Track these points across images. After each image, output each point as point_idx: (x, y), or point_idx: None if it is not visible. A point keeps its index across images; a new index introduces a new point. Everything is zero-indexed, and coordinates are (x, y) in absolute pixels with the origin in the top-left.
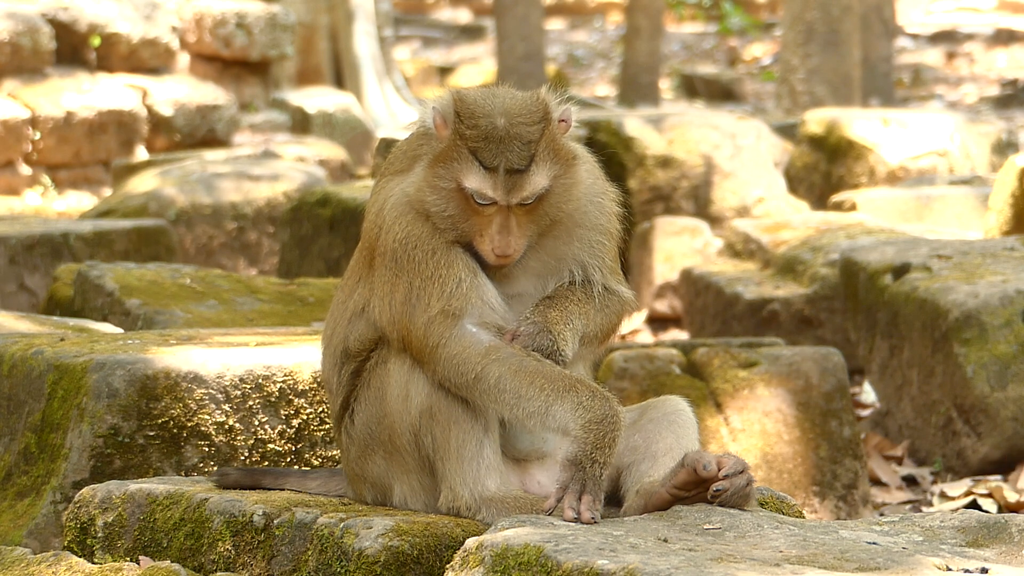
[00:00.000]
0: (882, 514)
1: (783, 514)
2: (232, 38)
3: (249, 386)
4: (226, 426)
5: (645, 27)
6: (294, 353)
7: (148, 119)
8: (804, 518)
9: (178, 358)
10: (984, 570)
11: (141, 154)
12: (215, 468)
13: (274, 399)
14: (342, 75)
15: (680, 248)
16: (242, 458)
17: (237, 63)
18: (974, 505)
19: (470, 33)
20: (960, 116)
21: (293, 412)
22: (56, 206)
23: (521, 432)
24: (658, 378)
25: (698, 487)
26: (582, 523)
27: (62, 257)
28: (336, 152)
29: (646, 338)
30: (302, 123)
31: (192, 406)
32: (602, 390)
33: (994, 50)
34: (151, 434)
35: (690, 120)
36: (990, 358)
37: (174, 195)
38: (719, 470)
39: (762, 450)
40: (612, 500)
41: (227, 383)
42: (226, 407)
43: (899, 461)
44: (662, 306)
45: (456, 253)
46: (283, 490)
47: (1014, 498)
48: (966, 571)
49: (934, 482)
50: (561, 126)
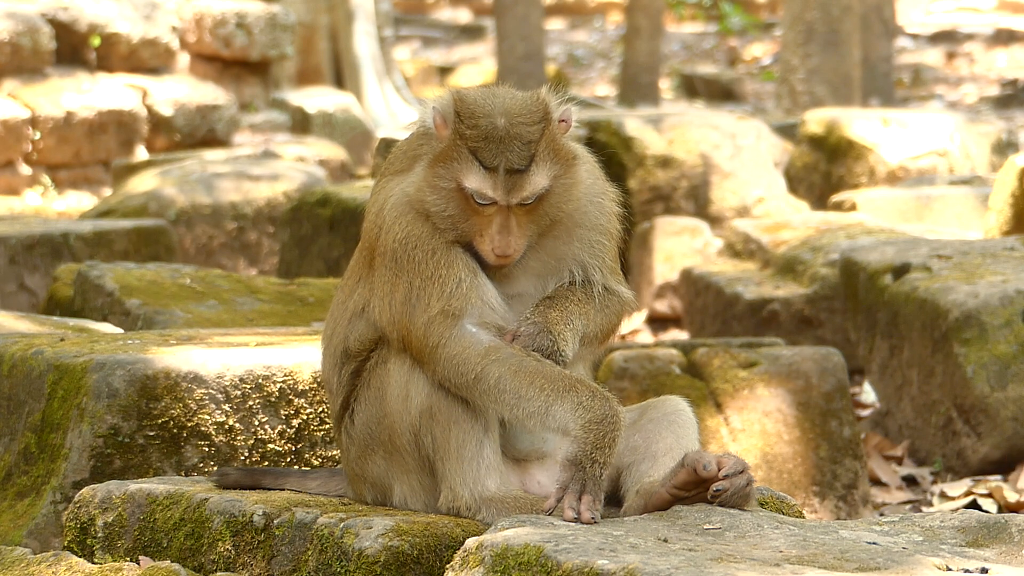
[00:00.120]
0: (882, 514)
1: (783, 514)
2: (232, 38)
3: (249, 386)
4: (226, 426)
5: (645, 27)
6: (294, 353)
7: (148, 119)
8: (804, 518)
9: (178, 358)
10: (984, 570)
11: (141, 154)
12: (215, 468)
13: (274, 399)
14: (342, 75)
15: (680, 248)
16: (242, 458)
17: (237, 63)
18: (974, 505)
19: (470, 33)
20: (960, 116)
21: (293, 412)
22: (56, 206)
23: (521, 432)
24: (658, 378)
25: (698, 487)
26: (582, 523)
27: (62, 257)
28: (336, 152)
29: (646, 338)
30: (302, 123)
31: (192, 406)
32: (602, 390)
33: (994, 50)
34: (151, 434)
35: (690, 120)
36: (990, 358)
37: (174, 195)
38: (719, 470)
39: (762, 450)
40: (612, 500)
41: (227, 383)
42: (226, 407)
43: (899, 461)
44: (662, 306)
45: (456, 253)
46: (283, 490)
47: (1014, 498)
48: (966, 571)
49: (934, 482)
50: (561, 126)
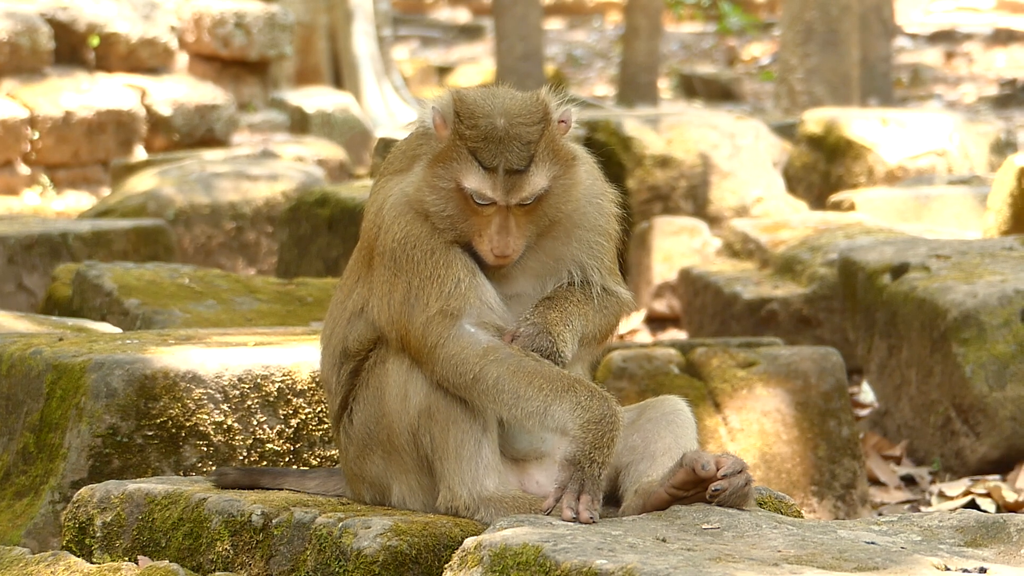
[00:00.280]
0: (880, 514)
1: (781, 514)
2: (231, 38)
3: (248, 386)
4: (224, 426)
5: (644, 27)
6: (293, 353)
7: (147, 119)
8: (802, 518)
9: (177, 358)
10: (982, 570)
11: (140, 154)
12: (213, 468)
13: (272, 399)
14: (341, 75)
15: (679, 248)
16: (240, 458)
17: (236, 63)
18: (972, 505)
19: (469, 33)
20: (959, 116)
21: (292, 412)
22: (55, 206)
23: (519, 432)
24: (656, 378)
25: (696, 487)
26: (580, 523)
27: (61, 257)
28: (335, 152)
29: (645, 338)
30: (301, 123)
31: (191, 406)
32: (600, 390)
33: (993, 50)
34: (149, 434)
35: (689, 120)
36: (988, 358)
37: (173, 195)
38: (717, 470)
39: (760, 450)
40: (610, 500)
41: (226, 383)
42: (224, 407)
43: (897, 461)
44: (661, 306)
45: (455, 253)
46: (281, 490)
47: (1012, 498)
48: (964, 571)
49: (932, 482)
50: (561, 127)
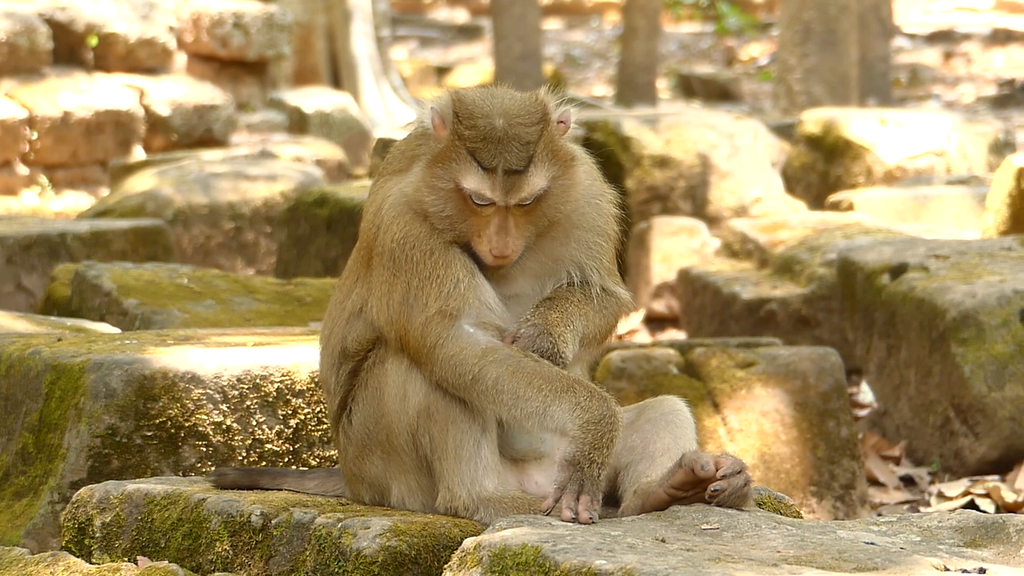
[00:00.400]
0: (880, 514)
1: (781, 514)
2: (229, 38)
3: (247, 386)
4: (224, 426)
5: (642, 27)
6: (292, 353)
7: (145, 119)
8: (802, 518)
9: (176, 358)
10: (982, 570)
11: (138, 154)
12: (213, 468)
13: (272, 399)
14: (339, 75)
15: (677, 248)
16: (240, 458)
17: (234, 63)
18: (972, 505)
19: (467, 33)
20: (957, 116)
21: (291, 412)
22: (53, 206)
23: (519, 432)
24: (656, 378)
25: (696, 487)
26: (580, 523)
27: (59, 257)
28: (333, 152)
29: (644, 338)
30: (299, 123)
31: (190, 406)
32: (600, 390)
33: (991, 50)
34: (149, 434)
35: (687, 120)
36: (987, 358)
37: (171, 195)
38: (717, 470)
39: (760, 450)
40: (610, 500)
41: (225, 383)
42: (224, 407)
43: (897, 461)
44: (659, 306)
45: (454, 253)
46: (281, 490)
47: (1012, 498)
48: (964, 571)
49: (932, 482)
50: (559, 127)
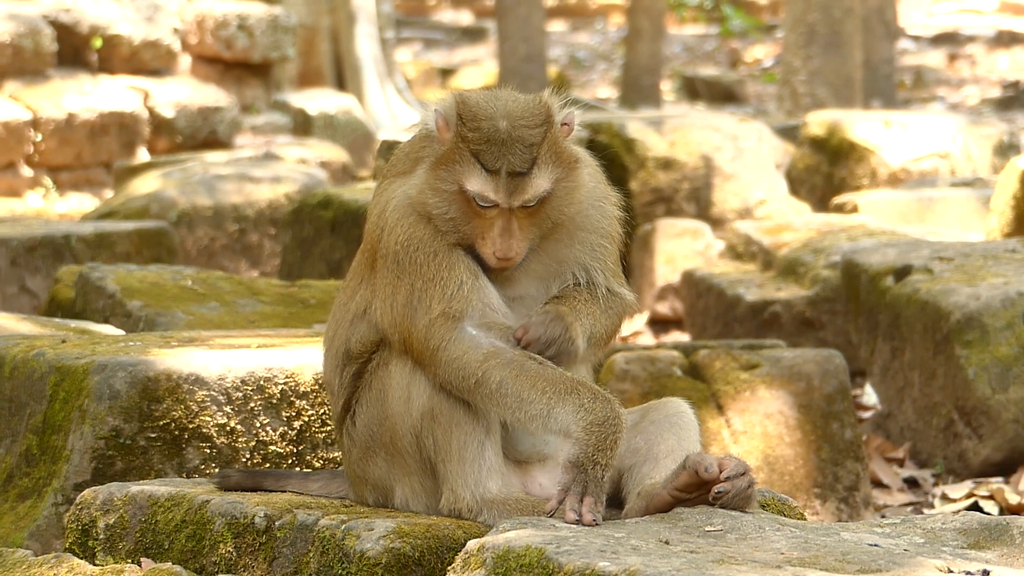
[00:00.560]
0: (883, 516)
1: (784, 516)
2: (234, 40)
3: (250, 388)
4: (227, 428)
5: (647, 29)
6: (295, 355)
7: (150, 121)
8: (805, 520)
9: (179, 360)
10: (986, 572)
11: (143, 156)
12: (216, 470)
13: (275, 401)
14: (343, 77)
15: (681, 250)
16: (243, 460)
17: (239, 65)
18: (975, 507)
19: (471, 35)
20: (962, 118)
21: (294, 414)
22: (57, 208)
23: (522, 434)
24: (659, 380)
25: (700, 489)
26: (583, 525)
27: (63, 259)
28: (337, 154)
29: (647, 340)
30: (303, 125)
31: (194, 408)
32: (603, 392)
33: (996, 52)
34: (152, 436)
35: (691, 122)
36: (991, 360)
37: (175, 197)
38: (721, 472)
39: (763, 452)
40: (613, 502)
41: (228, 385)
42: (227, 409)
43: (900, 463)
44: (663, 308)
45: (458, 255)
46: (284, 492)
47: (1015, 500)
48: (967, 573)
49: (935, 484)
50: (563, 129)
